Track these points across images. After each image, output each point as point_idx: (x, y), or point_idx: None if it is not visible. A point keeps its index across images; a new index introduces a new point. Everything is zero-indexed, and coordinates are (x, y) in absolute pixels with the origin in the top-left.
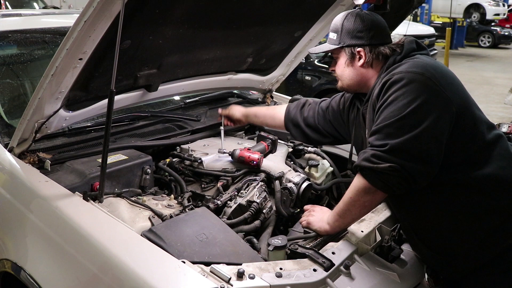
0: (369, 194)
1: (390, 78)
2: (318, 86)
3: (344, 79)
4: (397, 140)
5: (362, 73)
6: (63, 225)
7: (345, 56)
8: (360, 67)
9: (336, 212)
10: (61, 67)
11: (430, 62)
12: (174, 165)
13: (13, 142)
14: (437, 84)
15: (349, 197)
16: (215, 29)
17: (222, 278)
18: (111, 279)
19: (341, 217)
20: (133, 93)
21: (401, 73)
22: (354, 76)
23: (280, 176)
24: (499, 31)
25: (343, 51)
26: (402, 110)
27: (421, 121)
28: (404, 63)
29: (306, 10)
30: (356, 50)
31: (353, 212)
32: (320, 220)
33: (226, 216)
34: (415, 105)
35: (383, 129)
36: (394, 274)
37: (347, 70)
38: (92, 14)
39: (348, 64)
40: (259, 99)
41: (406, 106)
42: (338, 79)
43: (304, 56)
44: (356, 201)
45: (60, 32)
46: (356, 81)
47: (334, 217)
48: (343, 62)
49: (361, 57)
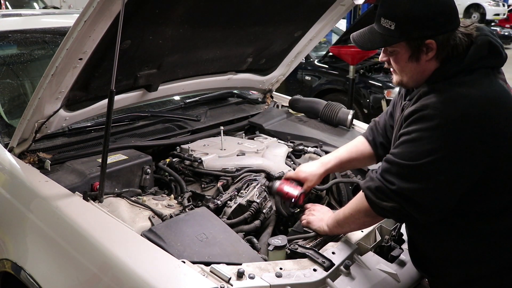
0: (370, 217)
1: (422, 110)
2: (318, 86)
3: (405, 75)
4: (407, 186)
5: (427, 68)
6: (63, 225)
7: (408, 50)
8: (427, 62)
9: (336, 219)
10: (61, 67)
11: (487, 95)
12: (174, 165)
13: (13, 142)
14: (477, 136)
15: (350, 214)
16: (215, 29)
17: (222, 278)
18: (111, 279)
19: (340, 226)
20: (133, 93)
21: (436, 108)
22: (418, 72)
23: (280, 176)
24: (499, 31)
25: (404, 43)
26: (422, 157)
27: (438, 175)
28: (452, 87)
29: (306, 10)
30: (424, 43)
31: (351, 226)
32: (320, 220)
33: (226, 216)
34: (437, 156)
35: (396, 166)
36: (394, 274)
37: (409, 66)
38: (92, 14)
39: (412, 59)
40: (259, 99)
41: (427, 154)
42: (394, 74)
43: (304, 56)
44: (356, 219)
45: (60, 32)
46: (419, 78)
47: (333, 223)
48: (405, 56)
49: (430, 49)
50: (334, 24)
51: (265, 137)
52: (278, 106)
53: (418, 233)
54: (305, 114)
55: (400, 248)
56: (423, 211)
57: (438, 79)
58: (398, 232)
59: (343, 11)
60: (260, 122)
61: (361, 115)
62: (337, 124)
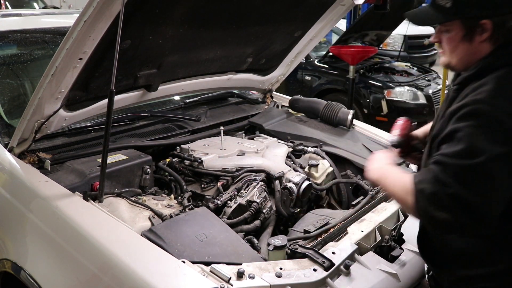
0: (409, 209)
1: (469, 106)
2: (318, 86)
3: (454, 56)
4: (464, 190)
5: (479, 50)
6: (63, 225)
7: (462, 29)
8: (480, 43)
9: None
10: (61, 67)
11: None
12: (174, 165)
13: (13, 142)
14: None
15: (393, 193)
16: (215, 29)
17: (222, 278)
18: (111, 279)
19: (383, 186)
20: (133, 93)
21: (485, 103)
22: (470, 53)
23: (280, 176)
24: None
25: (458, 22)
26: (475, 155)
27: (493, 176)
28: (505, 79)
29: (306, 10)
30: (479, 23)
31: (387, 190)
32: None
33: (226, 216)
34: (492, 154)
35: (452, 167)
36: (394, 274)
37: (461, 46)
38: (92, 14)
39: (465, 39)
40: (259, 99)
41: (480, 153)
42: (443, 54)
43: (304, 56)
44: (395, 198)
45: (60, 32)
46: (469, 59)
47: (378, 179)
48: (458, 36)
49: (484, 30)
50: (334, 24)
51: (265, 137)
52: (278, 106)
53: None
54: (305, 114)
55: (400, 248)
56: (478, 219)
57: (489, 68)
58: (398, 232)
59: (343, 11)
60: (260, 122)
61: (361, 115)
62: (337, 124)
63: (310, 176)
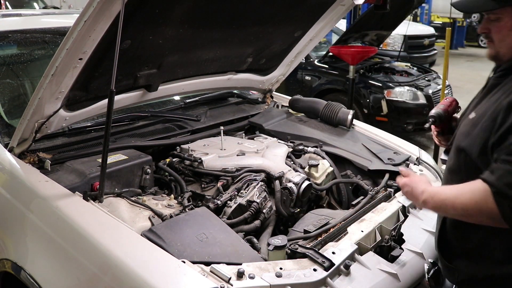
0: (490, 219)
1: None
2: (318, 86)
3: (504, 46)
4: None
5: None
6: (63, 225)
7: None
8: None
9: (440, 202)
10: (61, 67)
11: None
12: (174, 165)
13: (13, 142)
14: None
15: (462, 208)
16: (215, 29)
17: (222, 278)
18: (111, 279)
19: (442, 211)
20: (133, 93)
21: None
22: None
23: (280, 176)
24: None
25: (510, 9)
26: None
27: None
28: None
29: (306, 10)
30: None
31: (450, 214)
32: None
33: (226, 216)
34: None
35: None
36: (394, 274)
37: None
38: (92, 14)
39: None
40: (259, 99)
41: None
42: (491, 45)
43: (304, 56)
44: (467, 216)
45: (60, 32)
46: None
47: (434, 205)
48: (509, 24)
49: None
50: (334, 24)
51: (265, 137)
52: (278, 106)
53: (453, 221)
54: (305, 114)
55: (400, 248)
56: None
57: None
58: (398, 232)
59: (343, 11)
60: (260, 122)
61: (361, 115)
62: (337, 124)
63: (310, 176)
